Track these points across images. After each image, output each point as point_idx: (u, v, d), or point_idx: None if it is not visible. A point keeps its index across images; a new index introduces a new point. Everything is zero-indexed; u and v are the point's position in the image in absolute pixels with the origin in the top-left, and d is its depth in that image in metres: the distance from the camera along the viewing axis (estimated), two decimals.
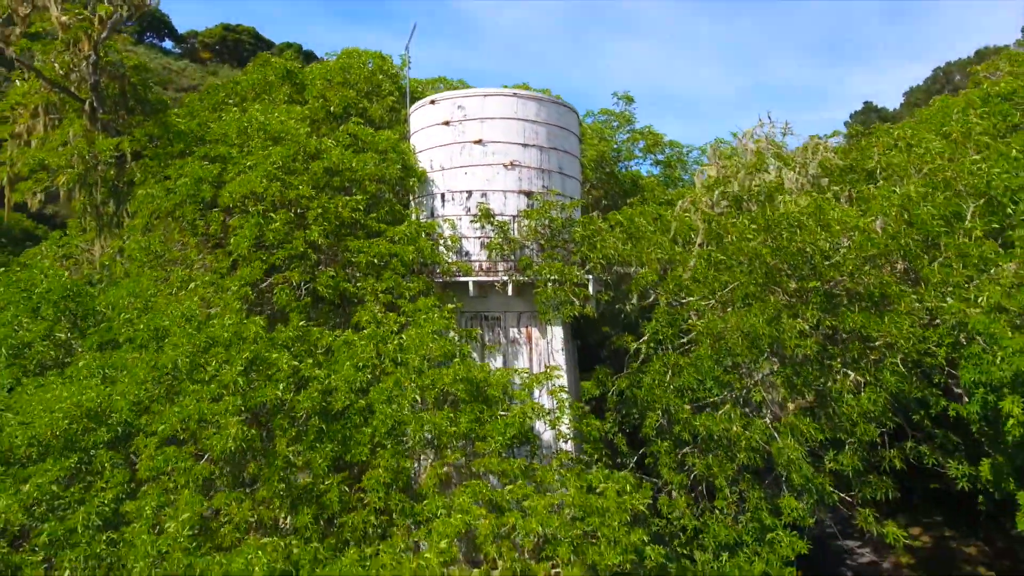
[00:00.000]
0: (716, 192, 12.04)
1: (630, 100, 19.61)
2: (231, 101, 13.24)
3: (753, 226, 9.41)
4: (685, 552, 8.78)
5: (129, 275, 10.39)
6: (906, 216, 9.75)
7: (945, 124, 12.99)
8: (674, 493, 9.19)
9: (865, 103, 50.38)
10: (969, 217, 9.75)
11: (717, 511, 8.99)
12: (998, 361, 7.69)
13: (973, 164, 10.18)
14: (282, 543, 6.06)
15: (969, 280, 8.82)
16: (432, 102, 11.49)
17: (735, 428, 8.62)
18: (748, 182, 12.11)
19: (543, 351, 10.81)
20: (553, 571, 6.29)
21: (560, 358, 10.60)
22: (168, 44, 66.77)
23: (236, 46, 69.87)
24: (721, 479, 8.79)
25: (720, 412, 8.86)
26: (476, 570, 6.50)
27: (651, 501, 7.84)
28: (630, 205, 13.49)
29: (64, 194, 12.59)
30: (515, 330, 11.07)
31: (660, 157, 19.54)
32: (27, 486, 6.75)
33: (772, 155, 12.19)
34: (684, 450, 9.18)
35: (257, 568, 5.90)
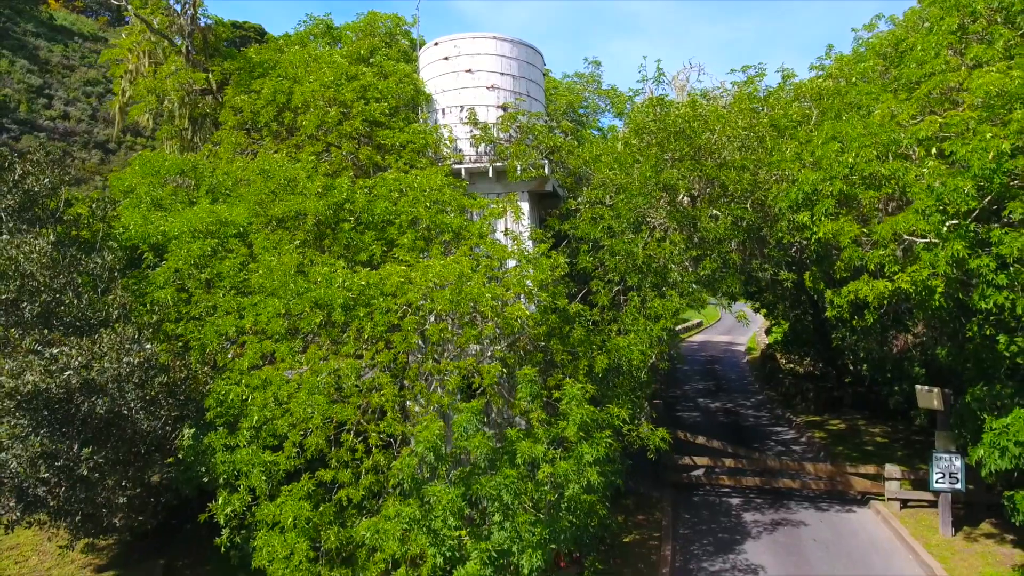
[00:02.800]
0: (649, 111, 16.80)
1: (598, 64, 24.43)
2: (287, 49, 18.09)
3: (653, 121, 14.18)
4: (604, 331, 13.44)
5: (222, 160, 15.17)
6: (767, 117, 14.51)
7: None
8: (602, 294, 13.87)
9: None
10: (814, 118, 14.51)
11: (626, 308, 13.69)
12: (794, 190, 12.38)
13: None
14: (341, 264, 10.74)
15: (797, 155, 13.53)
16: (435, 43, 16.29)
17: (633, 246, 13.35)
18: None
19: (513, 223, 15.52)
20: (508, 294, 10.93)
21: (525, 221, 15.31)
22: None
23: (243, 42, 75.04)
24: (630, 279, 13.48)
25: (624, 236, 13.59)
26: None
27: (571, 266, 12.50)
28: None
29: (162, 120, 17.35)
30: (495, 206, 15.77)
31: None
32: (193, 246, 11.50)
33: (677, 88, 16.94)
34: (604, 263, 13.91)
35: (335, 285, 10.56)
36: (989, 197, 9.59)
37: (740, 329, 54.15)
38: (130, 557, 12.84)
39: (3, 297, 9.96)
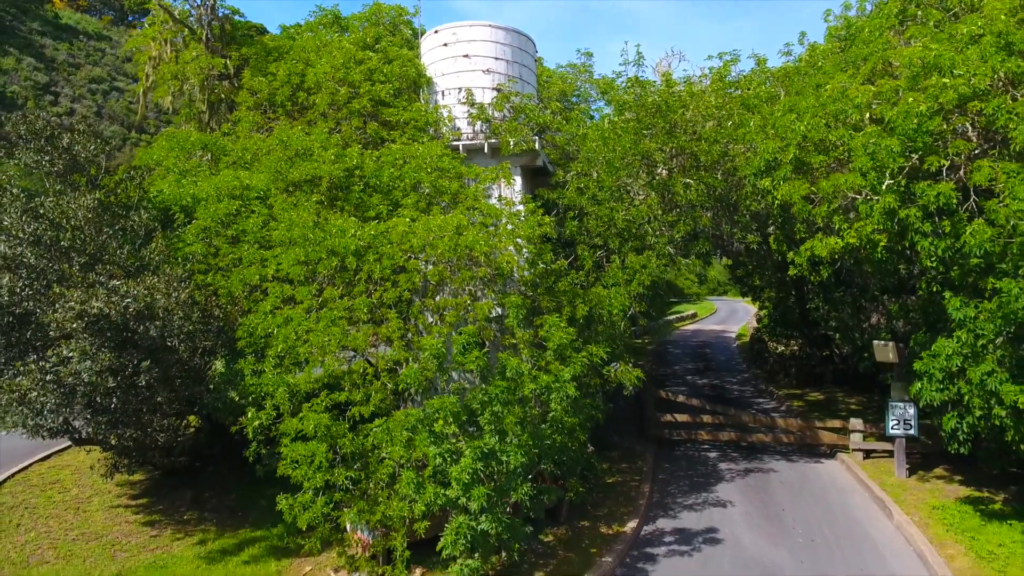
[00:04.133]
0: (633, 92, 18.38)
1: (589, 55, 26.10)
2: (298, 37, 19.71)
3: (633, 99, 15.76)
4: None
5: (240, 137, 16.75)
6: (738, 88, 16.09)
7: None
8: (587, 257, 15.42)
9: None
10: (781, 98, 16.07)
11: (607, 268, 15.24)
12: (757, 158, 13.93)
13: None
14: (353, 219, 12.29)
15: (761, 127, 15.09)
16: (436, 31, 17.89)
17: (614, 213, 14.92)
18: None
19: (506, 191, 17.08)
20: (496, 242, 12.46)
21: (517, 187, 16.88)
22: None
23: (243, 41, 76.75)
24: (612, 243, 15.05)
25: (606, 204, 15.17)
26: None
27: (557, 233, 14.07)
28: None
29: (182, 102, 18.96)
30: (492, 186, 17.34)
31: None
32: (220, 206, 13.06)
33: (660, 74, 18.54)
34: (589, 230, 15.47)
35: (348, 235, 12.10)
36: (917, 156, 11.13)
37: (734, 320, 55.72)
38: (160, 490, 14.38)
39: (61, 244, 11.53)
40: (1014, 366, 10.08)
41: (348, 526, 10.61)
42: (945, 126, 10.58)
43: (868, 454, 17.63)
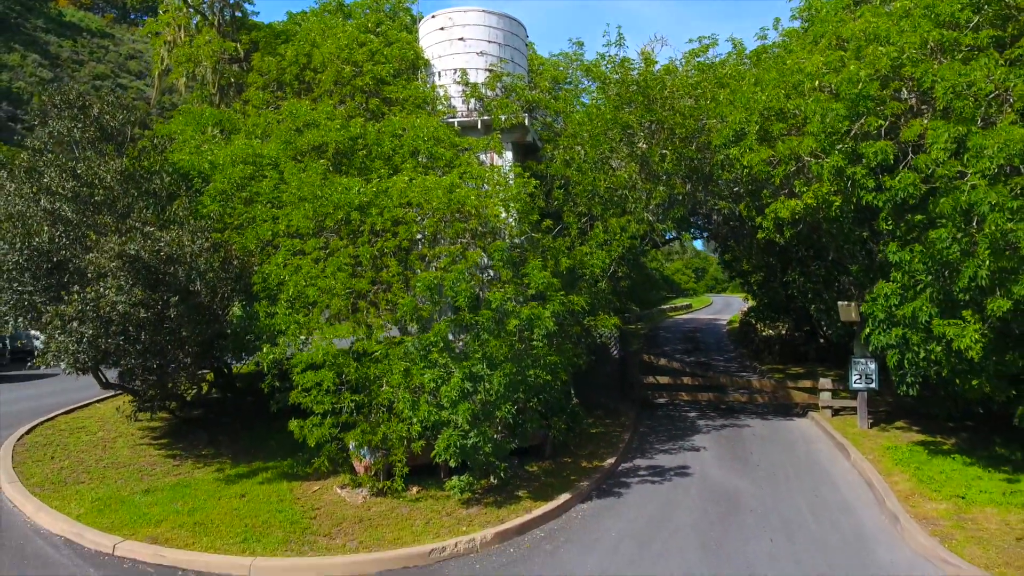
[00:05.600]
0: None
1: (580, 44, 27.47)
2: (304, 23, 21.18)
3: (614, 75, 17.18)
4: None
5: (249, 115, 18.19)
6: (712, 71, 17.52)
7: None
8: (572, 224, 16.82)
9: None
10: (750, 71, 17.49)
11: (590, 232, 16.65)
12: (726, 128, 15.32)
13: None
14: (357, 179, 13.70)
15: (730, 100, 16.49)
16: (433, 16, 19.33)
17: (597, 182, 16.33)
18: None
19: (498, 162, 18.50)
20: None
21: (508, 157, 18.29)
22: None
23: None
24: (595, 210, 16.45)
25: (590, 174, 16.58)
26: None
27: (543, 199, 15.49)
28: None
29: (195, 85, 20.39)
30: (483, 155, 18.76)
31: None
32: (235, 170, 14.48)
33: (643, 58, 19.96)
34: (574, 198, 16.89)
35: (352, 191, 13.51)
36: (862, 119, 12.54)
37: (728, 312, 57.11)
38: (178, 432, 15.78)
39: (95, 200, 12.95)
40: (942, 302, 11.46)
41: (352, 445, 11.99)
42: (884, 91, 11.99)
43: (837, 412, 19.02)
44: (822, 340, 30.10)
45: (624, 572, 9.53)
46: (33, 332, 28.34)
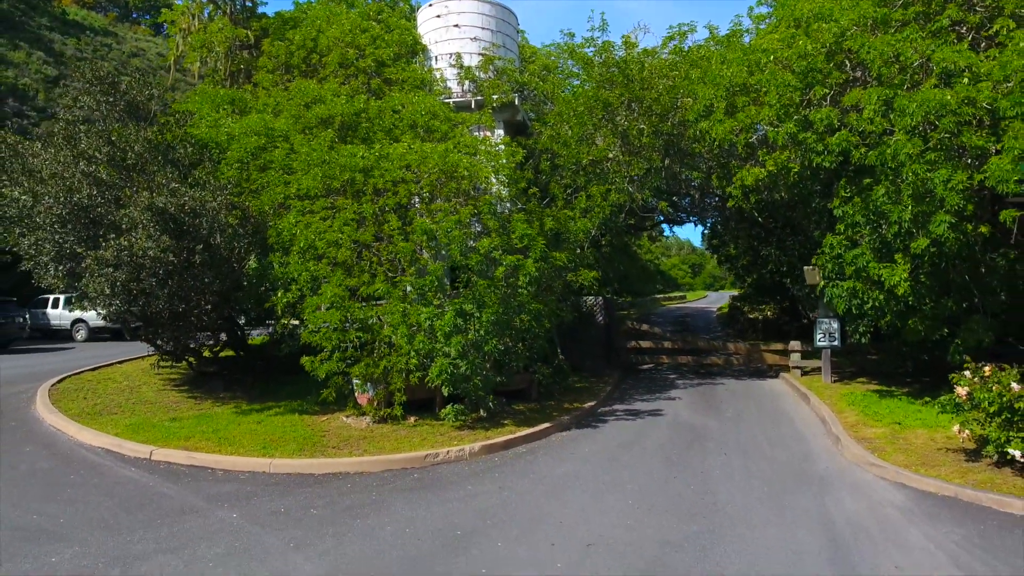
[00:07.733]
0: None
1: (571, 35, 29.19)
2: (310, 11, 22.84)
3: (596, 57, 18.82)
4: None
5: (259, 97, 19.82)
6: (688, 55, 19.16)
7: None
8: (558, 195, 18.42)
9: None
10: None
11: (575, 201, 18.27)
12: (698, 103, 16.93)
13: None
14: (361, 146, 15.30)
15: (701, 78, 18.11)
16: (430, 5, 21.00)
17: (580, 155, 17.95)
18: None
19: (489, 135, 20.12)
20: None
21: (500, 132, 19.92)
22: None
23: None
24: (579, 181, 18.07)
25: (574, 148, 18.20)
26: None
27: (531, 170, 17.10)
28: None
29: (207, 70, 22.03)
30: (477, 132, 20.41)
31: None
32: (250, 140, 16.10)
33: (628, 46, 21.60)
34: (560, 171, 18.51)
35: (357, 156, 15.11)
36: (811, 90, 14.15)
37: (721, 303, 58.76)
38: (196, 382, 17.39)
39: (127, 163, 14.57)
40: (879, 249, 13.07)
41: (356, 380, 13.59)
42: (829, 63, 13.61)
43: (806, 372, 20.62)
44: (805, 320, 31.73)
45: (594, 474, 11.12)
46: (50, 312, 30.01)
